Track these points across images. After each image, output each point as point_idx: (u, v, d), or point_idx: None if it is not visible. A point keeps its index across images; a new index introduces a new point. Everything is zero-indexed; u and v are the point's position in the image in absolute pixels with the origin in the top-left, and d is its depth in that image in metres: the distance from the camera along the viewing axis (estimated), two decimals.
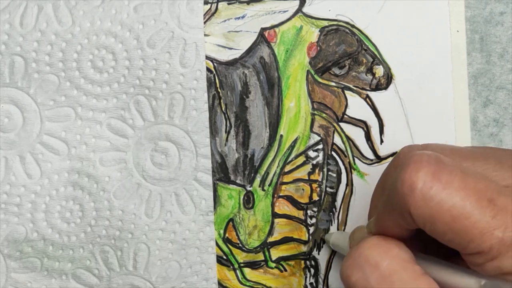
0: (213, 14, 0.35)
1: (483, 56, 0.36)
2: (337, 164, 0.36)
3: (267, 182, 0.36)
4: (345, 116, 0.36)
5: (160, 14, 0.34)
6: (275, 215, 0.36)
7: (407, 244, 0.27)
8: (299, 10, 0.35)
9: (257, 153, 0.36)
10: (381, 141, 0.36)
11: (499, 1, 0.36)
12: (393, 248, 0.27)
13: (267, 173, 0.36)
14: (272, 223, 0.36)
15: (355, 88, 0.36)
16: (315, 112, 0.36)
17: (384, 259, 0.26)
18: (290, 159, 0.36)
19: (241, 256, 0.36)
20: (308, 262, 0.36)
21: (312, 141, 0.36)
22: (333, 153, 0.36)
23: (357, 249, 0.27)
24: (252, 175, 0.36)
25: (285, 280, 0.36)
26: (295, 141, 0.36)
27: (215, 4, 0.35)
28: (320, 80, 0.35)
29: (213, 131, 0.35)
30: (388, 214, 0.27)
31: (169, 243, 0.35)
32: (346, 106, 0.36)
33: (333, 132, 0.36)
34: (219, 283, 0.36)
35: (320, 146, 0.36)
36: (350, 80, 0.36)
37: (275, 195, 0.36)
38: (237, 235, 0.36)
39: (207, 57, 0.35)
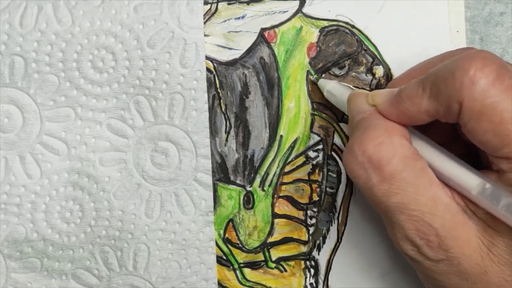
0: (213, 14, 0.35)
1: None
2: (337, 164, 0.36)
3: (267, 183, 0.36)
4: (345, 116, 0.36)
5: (160, 15, 0.34)
6: (275, 215, 0.36)
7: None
8: (299, 10, 0.35)
9: (257, 153, 0.36)
10: None
11: (499, 2, 0.36)
12: (398, 147, 0.27)
13: (267, 173, 0.36)
14: (272, 223, 0.36)
15: (355, 89, 0.36)
16: (315, 113, 0.36)
17: (388, 161, 0.26)
18: (290, 159, 0.36)
19: (241, 256, 0.36)
20: (308, 263, 0.36)
21: (312, 141, 0.36)
22: (333, 153, 0.36)
23: (360, 145, 0.27)
24: (252, 175, 0.36)
25: (285, 281, 0.36)
26: (295, 142, 0.36)
27: (215, 4, 0.35)
28: None
29: (213, 132, 0.35)
30: (427, 98, 0.26)
31: (169, 243, 0.35)
32: None
33: (333, 132, 0.36)
34: (219, 283, 0.36)
35: (320, 146, 0.36)
36: (350, 80, 0.36)
37: (275, 196, 0.36)
38: (237, 235, 0.36)
39: (207, 57, 0.35)
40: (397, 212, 0.27)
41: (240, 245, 0.36)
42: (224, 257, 0.36)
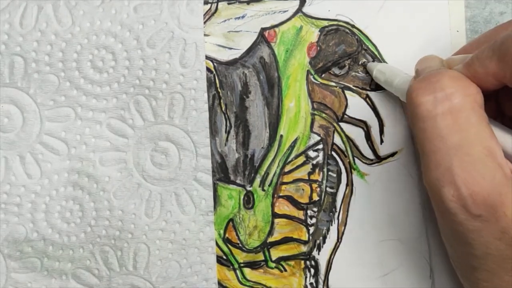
0: (213, 14, 0.35)
1: None
2: (337, 164, 0.36)
3: (267, 182, 0.36)
4: (345, 116, 0.36)
5: (160, 14, 0.34)
6: (275, 215, 0.36)
7: None
8: (299, 10, 0.35)
9: (257, 153, 0.36)
10: (381, 141, 0.36)
11: (499, 1, 0.36)
12: (472, 87, 0.27)
13: (267, 173, 0.36)
14: (272, 223, 0.36)
15: (355, 88, 0.36)
16: (315, 112, 0.36)
17: (460, 94, 0.26)
18: (290, 159, 0.36)
19: (241, 256, 0.36)
20: (308, 262, 0.36)
21: (312, 141, 0.36)
22: (333, 153, 0.36)
23: (436, 75, 0.27)
24: (252, 175, 0.36)
25: (285, 280, 0.36)
26: (295, 141, 0.36)
27: (215, 4, 0.35)
28: (320, 80, 0.35)
29: (213, 131, 0.35)
30: (496, 60, 0.26)
31: (169, 243, 0.35)
32: (346, 106, 0.36)
33: (333, 132, 0.36)
34: (219, 283, 0.36)
35: (320, 146, 0.36)
36: (350, 80, 0.36)
37: (275, 195, 0.36)
38: (237, 235, 0.36)
39: (207, 57, 0.35)
40: (452, 152, 0.26)
41: (240, 245, 0.36)
42: (224, 257, 0.36)
